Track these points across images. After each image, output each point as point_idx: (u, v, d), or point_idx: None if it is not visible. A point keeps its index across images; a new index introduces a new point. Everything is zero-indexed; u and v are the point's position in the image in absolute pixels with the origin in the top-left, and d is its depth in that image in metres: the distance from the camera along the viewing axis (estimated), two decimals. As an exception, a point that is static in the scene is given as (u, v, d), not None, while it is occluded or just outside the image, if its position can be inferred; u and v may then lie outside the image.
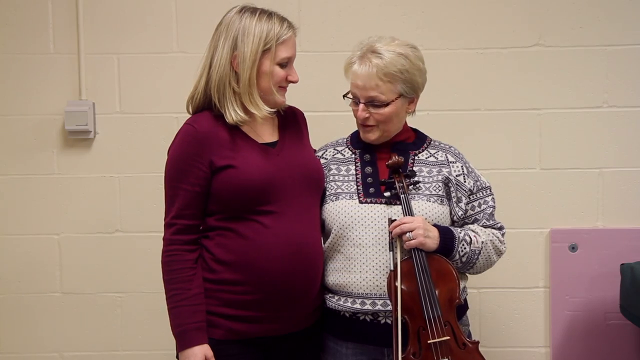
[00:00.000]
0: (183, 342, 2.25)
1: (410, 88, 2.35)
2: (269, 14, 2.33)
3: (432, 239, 2.27)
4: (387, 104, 2.32)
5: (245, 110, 2.30)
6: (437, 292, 2.23)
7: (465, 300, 2.43)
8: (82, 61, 3.14)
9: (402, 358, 2.20)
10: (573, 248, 3.14)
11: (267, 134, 2.38)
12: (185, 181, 2.27)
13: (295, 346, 2.36)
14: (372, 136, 2.38)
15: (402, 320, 2.22)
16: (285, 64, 2.33)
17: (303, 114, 2.53)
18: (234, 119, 2.28)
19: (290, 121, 2.45)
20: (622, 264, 2.93)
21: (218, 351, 2.27)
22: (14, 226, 3.20)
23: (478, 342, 2.27)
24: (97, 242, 3.19)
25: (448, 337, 2.21)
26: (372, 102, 2.32)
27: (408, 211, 2.28)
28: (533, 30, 3.12)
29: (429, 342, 2.20)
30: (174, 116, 3.00)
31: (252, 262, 2.25)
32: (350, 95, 2.38)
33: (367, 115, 2.34)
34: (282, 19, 2.34)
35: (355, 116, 2.39)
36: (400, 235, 2.25)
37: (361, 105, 2.33)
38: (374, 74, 2.29)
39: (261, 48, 2.29)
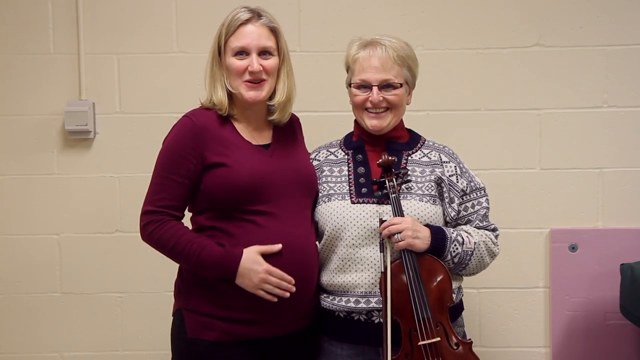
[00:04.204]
0: (229, 269, 2.21)
1: (411, 77, 2.41)
2: (239, 8, 2.33)
3: (422, 240, 2.26)
4: (399, 86, 2.36)
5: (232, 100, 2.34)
6: (427, 293, 2.23)
7: (461, 301, 2.42)
8: (82, 61, 3.14)
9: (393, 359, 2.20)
10: (573, 248, 3.14)
11: (262, 137, 2.38)
12: (175, 172, 2.27)
13: (291, 347, 2.35)
14: (383, 122, 2.37)
15: (394, 322, 2.22)
16: (241, 52, 2.30)
17: (298, 119, 2.52)
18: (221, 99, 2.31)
19: (286, 125, 2.43)
20: (622, 264, 2.93)
21: (213, 353, 2.26)
22: (14, 226, 3.19)
23: (471, 342, 2.26)
24: (97, 242, 3.19)
25: (438, 339, 2.20)
26: (386, 85, 2.35)
27: (398, 211, 2.28)
28: (533, 30, 3.12)
29: (419, 344, 2.20)
30: (174, 116, 2.97)
31: None
32: (357, 81, 2.37)
33: (381, 98, 2.35)
34: (242, 10, 2.31)
35: (359, 104, 2.38)
36: (390, 236, 2.25)
37: (375, 89, 2.34)
38: (390, 57, 2.34)
39: (217, 43, 2.32)
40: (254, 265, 2.21)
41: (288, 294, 2.24)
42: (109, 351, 3.21)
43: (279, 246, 2.24)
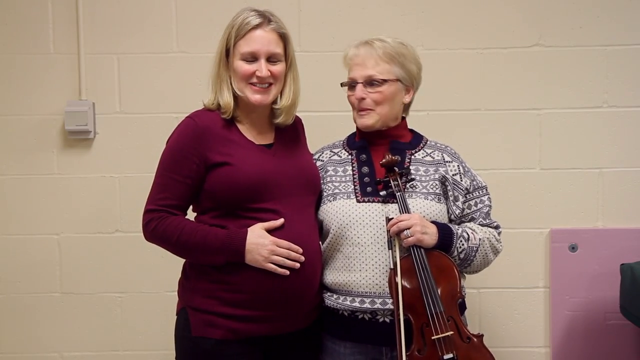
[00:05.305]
0: (237, 247, 2.23)
1: (407, 74, 2.39)
2: (249, 11, 2.33)
3: (430, 235, 2.27)
4: (384, 82, 2.35)
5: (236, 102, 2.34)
6: (438, 287, 2.24)
7: (464, 300, 2.43)
8: (82, 61, 3.14)
9: (406, 356, 2.20)
10: (573, 248, 3.14)
11: (264, 137, 2.39)
12: (178, 172, 2.28)
13: (294, 345, 2.36)
14: (368, 120, 2.38)
15: (404, 318, 2.22)
16: (250, 59, 2.31)
17: (301, 120, 2.53)
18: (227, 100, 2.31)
19: (288, 126, 2.44)
20: (622, 264, 2.93)
21: (218, 351, 2.27)
22: (14, 226, 3.19)
23: (482, 335, 2.27)
24: (97, 242, 3.19)
25: (452, 332, 2.21)
26: (370, 82, 2.35)
27: (404, 209, 2.29)
28: (533, 30, 3.12)
29: (432, 338, 2.21)
30: (174, 116, 3.00)
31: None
32: (347, 80, 2.40)
33: (364, 95, 2.36)
34: (253, 14, 2.32)
35: (351, 104, 2.41)
36: (398, 233, 2.25)
37: (359, 86, 2.36)
38: (374, 53, 2.35)
39: (225, 45, 2.33)
40: (260, 239, 2.23)
41: (298, 265, 2.25)
42: (109, 351, 3.21)
43: (281, 220, 2.27)
